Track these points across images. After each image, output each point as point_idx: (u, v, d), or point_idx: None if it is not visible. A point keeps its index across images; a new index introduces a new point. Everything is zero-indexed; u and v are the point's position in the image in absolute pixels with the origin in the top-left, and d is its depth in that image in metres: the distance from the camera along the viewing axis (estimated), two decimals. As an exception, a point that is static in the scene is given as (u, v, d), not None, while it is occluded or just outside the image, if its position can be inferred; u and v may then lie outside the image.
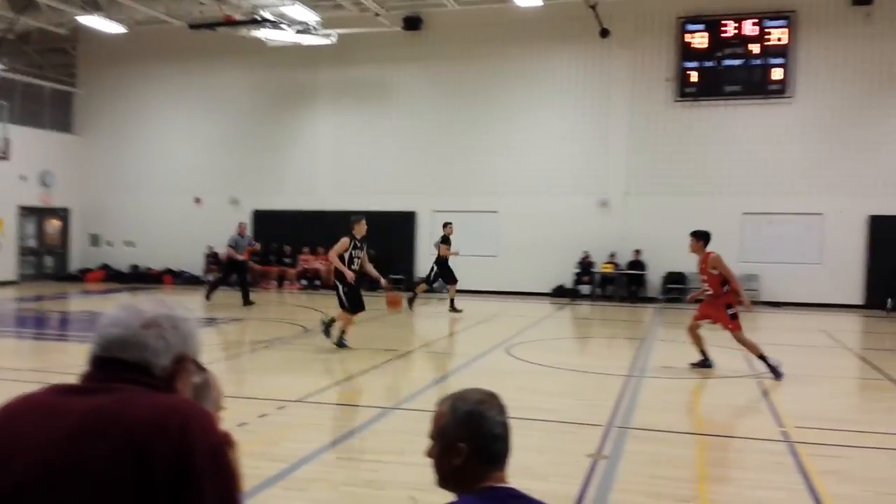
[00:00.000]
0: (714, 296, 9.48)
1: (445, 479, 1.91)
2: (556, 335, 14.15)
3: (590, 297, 19.70)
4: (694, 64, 19.43)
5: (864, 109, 18.49)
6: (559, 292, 19.98)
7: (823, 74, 18.66)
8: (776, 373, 8.97)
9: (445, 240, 15.93)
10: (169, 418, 1.47)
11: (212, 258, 22.51)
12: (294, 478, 5.34)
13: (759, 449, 6.48)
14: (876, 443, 6.58)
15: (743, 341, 9.26)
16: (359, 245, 10.64)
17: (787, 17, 18.75)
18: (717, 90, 19.38)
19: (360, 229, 10.63)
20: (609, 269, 19.84)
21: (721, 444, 6.68)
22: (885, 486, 5.45)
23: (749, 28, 19.01)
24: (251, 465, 5.19)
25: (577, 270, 19.98)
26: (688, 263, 19.47)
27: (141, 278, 22.88)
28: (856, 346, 13.32)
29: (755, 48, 19.00)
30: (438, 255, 15.94)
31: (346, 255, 10.53)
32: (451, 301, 16.00)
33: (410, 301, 15.74)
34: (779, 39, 18.84)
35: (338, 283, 10.63)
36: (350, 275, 10.49)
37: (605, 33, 18.76)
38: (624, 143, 20.06)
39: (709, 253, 9.54)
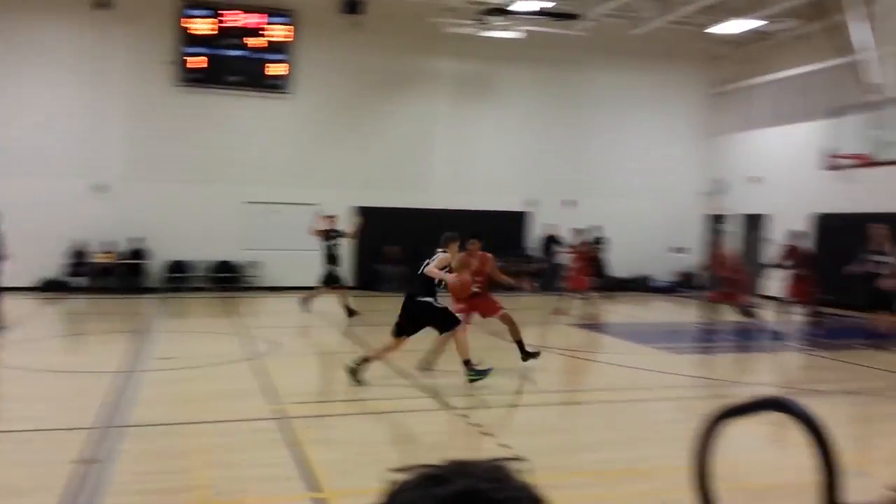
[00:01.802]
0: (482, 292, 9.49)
1: None
2: (43, 335, 12.66)
3: (85, 289, 18.11)
4: (196, 50, 19.13)
5: (356, 110, 20.47)
6: (48, 286, 17.95)
7: (320, 75, 20.09)
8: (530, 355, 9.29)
9: None
10: None
11: None
12: None
13: (255, 429, 6.65)
14: (356, 409, 7.30)
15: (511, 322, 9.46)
16: None
17: (287, 15, 19.67)
18: (219, 79, 19.42)
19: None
20: (106, 259, 18.48)
21: (220, 430, 6.67)
22: (364, 447, 6.05)
23: (251, 21, 19.46)
24: None
25: (69, 261, 18.20)
26: (190, 252, 19.38)
27: None
28: (344, 325, 14.66)
29: (257, 42, 19.54)
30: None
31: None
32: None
33: None
34: (280, 36, 19.67)
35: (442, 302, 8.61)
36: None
37: (100, 4, 17.35)
38: (123, 124, 18.87)
39: (485, 253, 9.56)
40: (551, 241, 20.57)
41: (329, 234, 14.44)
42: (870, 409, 7.97)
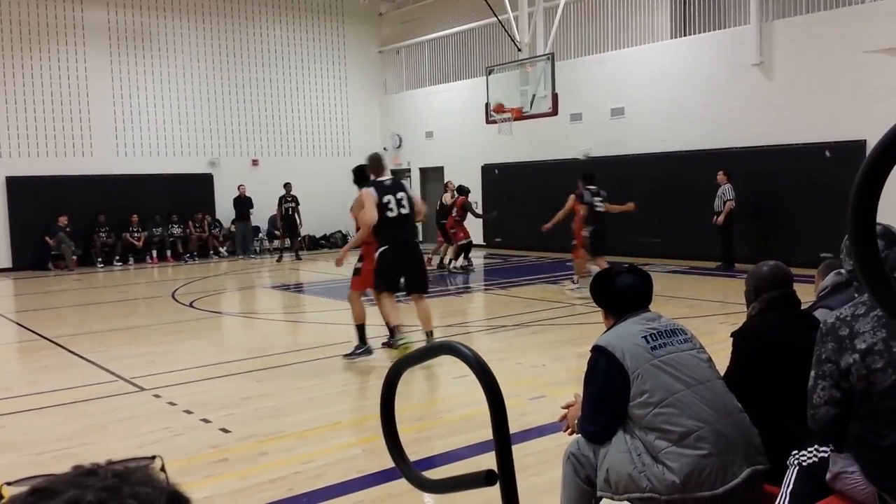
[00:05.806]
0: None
1: None
2: None
3: None
4: None
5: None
6: None
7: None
8: None
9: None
10: None
11: None
12: None
13: None
14: (38, 403, 6.54)
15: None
16: None
17: None
18: None
19: None
20: None
21: None
22: (45, 444, 5.44)
23: None
24: None
25: None
26: None
27: None
28: (8, 311, 12.96)
29: None
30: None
31: None
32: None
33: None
34: None
35: None
36: None
37: None
38: None
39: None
40: (242, 202, 19.89)
41: None
42: (543, 337, 8.99)
